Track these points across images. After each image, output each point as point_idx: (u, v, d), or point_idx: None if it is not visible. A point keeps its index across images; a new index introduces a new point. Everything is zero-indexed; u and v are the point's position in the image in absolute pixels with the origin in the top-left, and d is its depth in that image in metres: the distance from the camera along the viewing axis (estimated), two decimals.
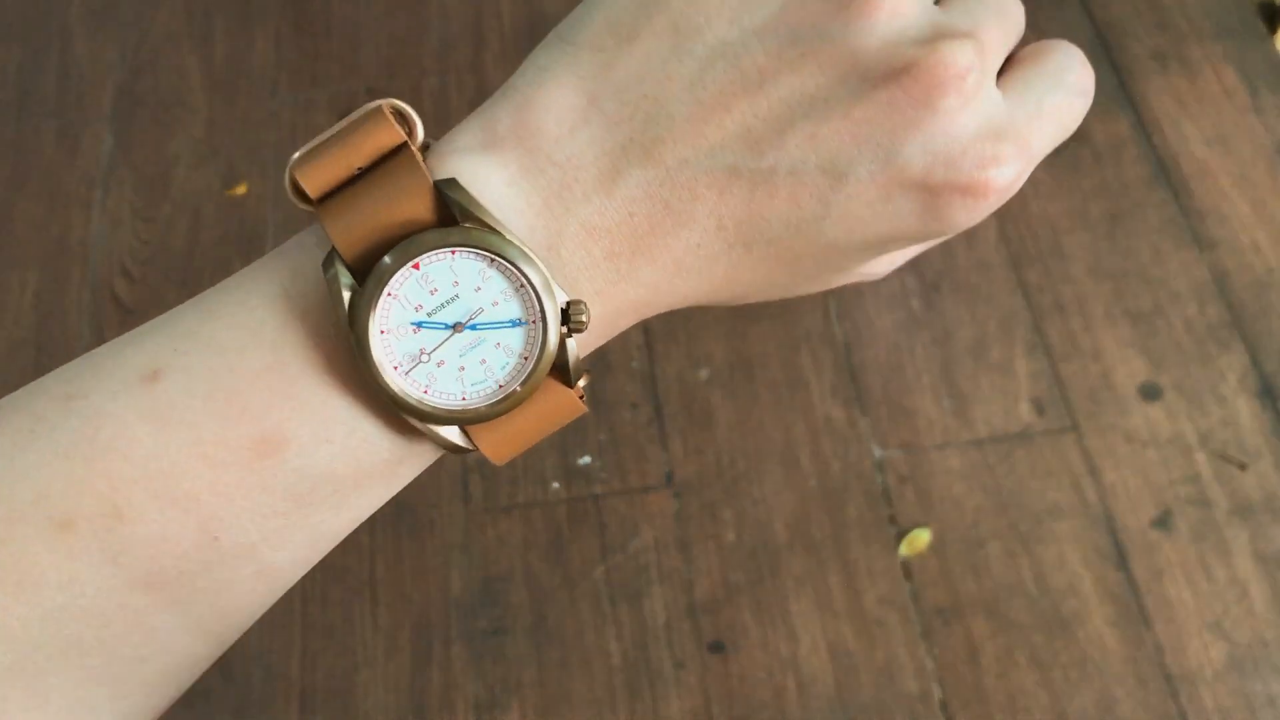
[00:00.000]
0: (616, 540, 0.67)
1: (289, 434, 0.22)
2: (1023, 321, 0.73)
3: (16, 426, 0.22)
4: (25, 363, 0.75)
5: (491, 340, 0.23)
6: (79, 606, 0.21)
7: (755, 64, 0.22)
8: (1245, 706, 0.60)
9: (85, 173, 0.84)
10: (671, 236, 0.23)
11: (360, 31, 0.90)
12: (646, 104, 0.22)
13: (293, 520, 0.23)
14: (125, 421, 0.22)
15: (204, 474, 0.22)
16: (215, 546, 0.22)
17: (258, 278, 0.23)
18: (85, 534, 0.21)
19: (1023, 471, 0.67)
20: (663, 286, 0.24)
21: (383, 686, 0.63)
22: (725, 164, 0.22)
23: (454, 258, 0.22)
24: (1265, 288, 0.73)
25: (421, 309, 0.22)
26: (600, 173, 0.22)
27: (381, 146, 0.22)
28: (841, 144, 0.22)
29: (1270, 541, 0.65)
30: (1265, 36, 0.85)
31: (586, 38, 0.23)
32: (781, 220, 0.23)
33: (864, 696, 0.61)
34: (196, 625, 0.23)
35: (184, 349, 0.22)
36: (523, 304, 0.22)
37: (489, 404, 0.23)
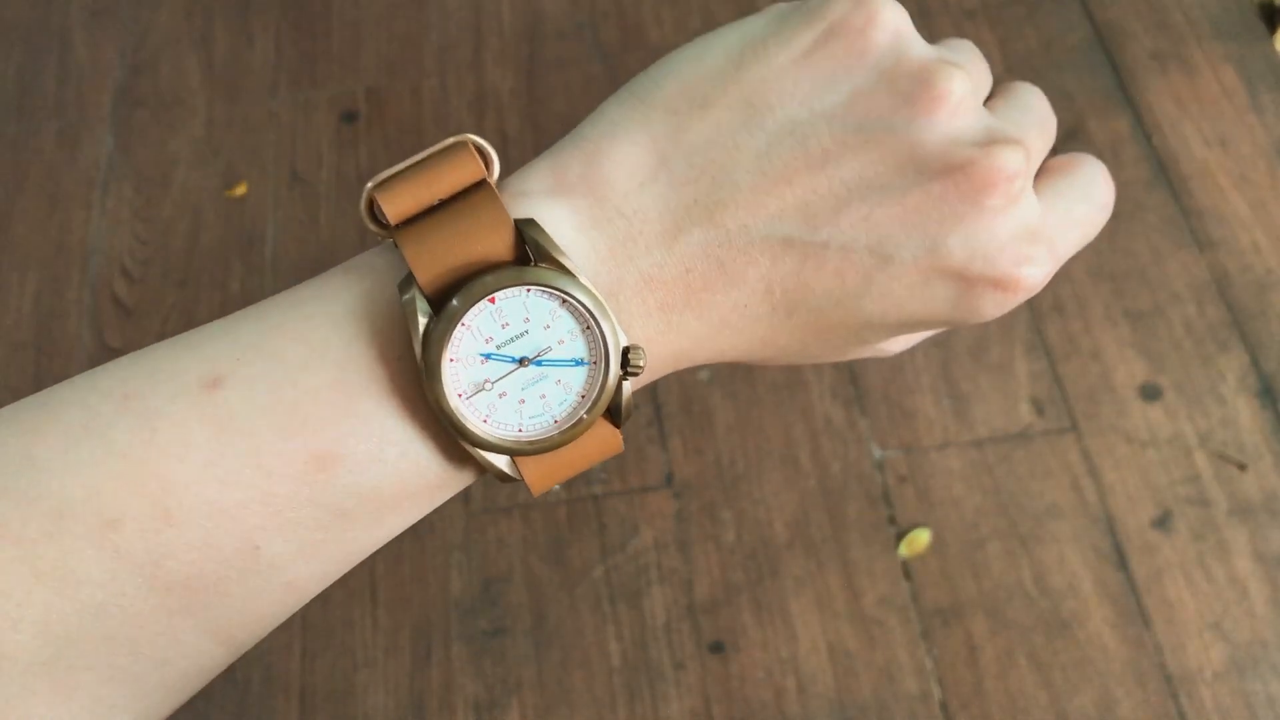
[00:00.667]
0: (616, 540, 0.67)
1: (345, 451, 0.22)
2: (1022, 322, 0.73)
3: (69, 421, 0.22)
4: (25, 363, 0.75)
5: (554, 377, 0.23)
6: (117, 606, 0.22)
7: (821, 145, 0.24)
8: (1245, 706, 0.60)
9: (85, 173, 0.84)
10: (721, 295, 0.24)
11: (360, 31, 0.90)
12: (713, 169, 0.24)
13: (331, 535, 0.23)
14: (184, 425, 0.22)
15: (258, 484, 0.22)
16: (254, 556, 0.22)
17: (323, 295, 0.24)
18: (132, 535, 0.21)
19: (1022, 472, 0.67)
20: (705, 340, 0.25)
21: (383, 686, 0.63)
22: (782, 234, 0.24)
23: (528, 295, 0.23)
24: (1265, 288, 0.73)
25: (491, 341, 0.23)
26: (664, 229, 0.24)
27: (464, 180, 0.23)
28: (892, 228, 0.24)
29: (1270, 542, 0.65)
30: (1265, 37, 0.85)
31: (661, 99, 0.25)
32: (826, 292, 0.24)
33: (864, 696, 0.61)
34: (220, 631, 0.23)
35: (246, 359, 0.23)
36: (588, 345, 0.23)
37: (543, 438, 0.23)
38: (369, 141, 0.84)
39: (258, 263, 0.79)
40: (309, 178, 0.83)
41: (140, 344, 0.76)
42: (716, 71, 0.24)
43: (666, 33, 0.88)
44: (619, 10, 0.90)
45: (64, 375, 0.74)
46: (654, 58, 0.27)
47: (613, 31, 0.89)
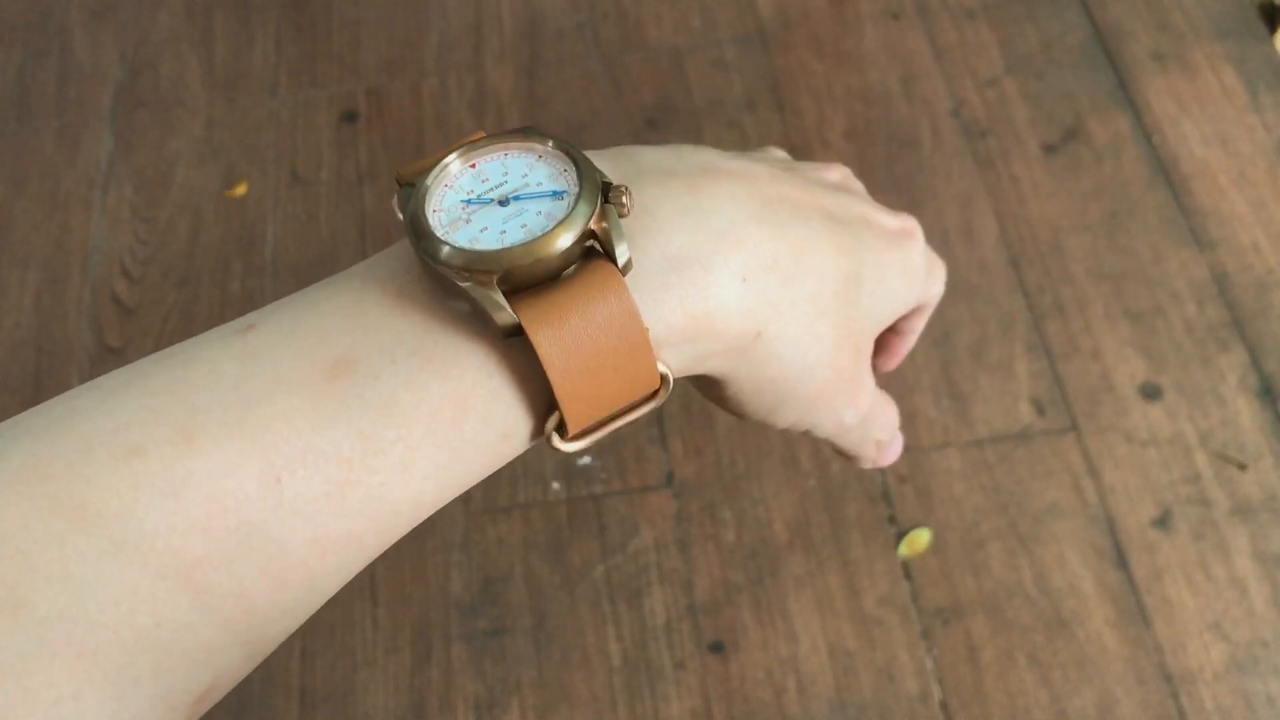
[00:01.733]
0: (616, 540, 0.67)
1: (358, 355, 0.23)
2: (1022, 321, 0.73)
3: (111, 384, 0.23)
4: (25, 363, 0.75)
5: (533, 209, 0.24)
6: (136, 546, 0.21)
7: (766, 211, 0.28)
8: (1245, 706, 0.60)
9: (85, 173, 0.84)
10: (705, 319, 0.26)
11: (360, 31, 0.90)
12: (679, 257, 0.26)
13: (355, 473, 0.23)
14: (214, 362, 0.23)
15: (277, 398, 0.22)
16: (277, 491, 0.22)
17: (355, 266, 0.26)
18: (153, 459, 0.21)
19: (1022, 472, 0.67)
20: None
21: (383, 686, 0.63)
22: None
23: (505, 157, 0.25)
24: (1265, 288, 0.73)
25: (472, 193, 0.25)
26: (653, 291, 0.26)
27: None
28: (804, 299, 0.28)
29: (1270, 541, 0.65)
30: (1265, 37, 0.85)
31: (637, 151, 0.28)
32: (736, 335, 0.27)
33: (864, 696, 0.61)
34: (241, 604, 0.22)
35: (277, 307, 0.24)
36: (567, 183, 0.25)
37: (521, 244, 0.23)
38: (369, 141, 0.84)
39: (258, 262, 0.79)
40: (309, 177, 0.83)
41: (141, 344, 0.76)
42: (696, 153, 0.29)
43: (666, 33, 0.88)
44: (619, 10, 0.90)
45: (64, 375, 0.74)
46: (654, 57, 0.29)
47: (613, 31, 0.89)
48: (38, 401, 0.74)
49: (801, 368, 0.28)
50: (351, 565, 0.24)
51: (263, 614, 0.23)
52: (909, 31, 0.87)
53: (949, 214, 0.77)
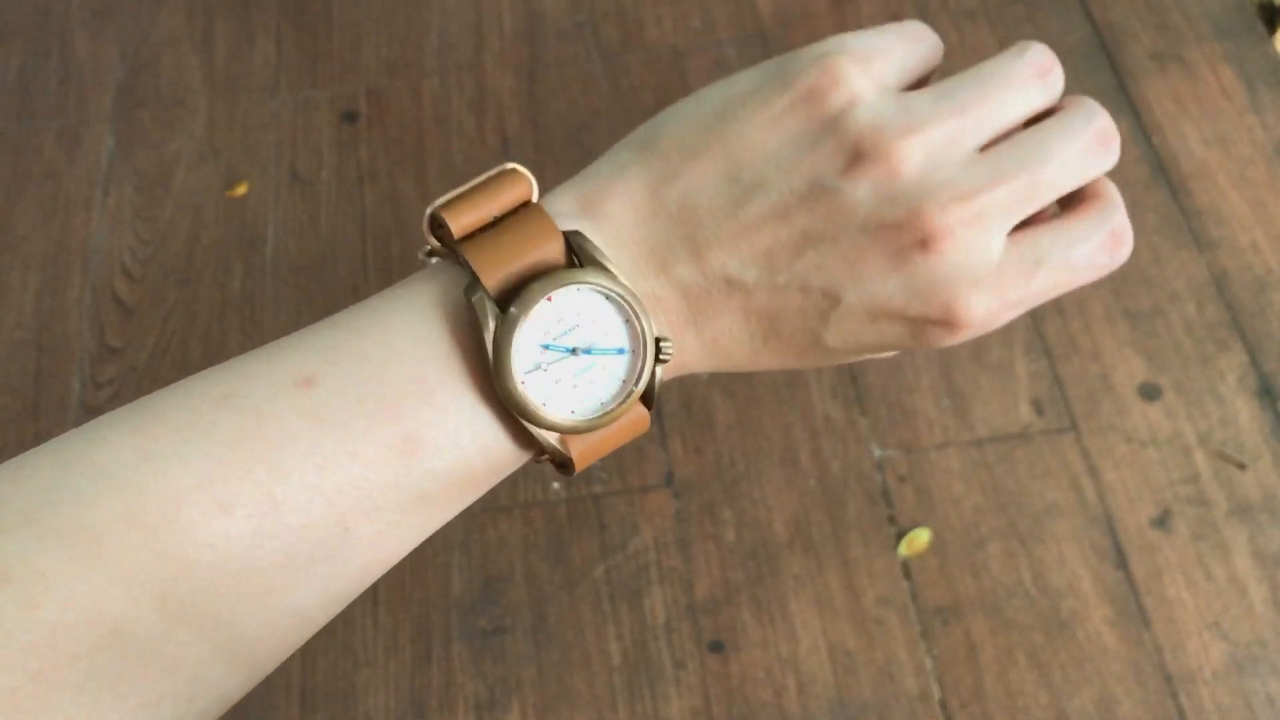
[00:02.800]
0: (616, 540, 0.67)
1: (425, 437, 0.25)
2: (1022, 322, 0.73)
3: (176, 421, 0.24)
4: (26, 362, 0.75)
5: (600, 364, 0.27)
6: (224, 585, 0.24)
7: (782, 200, 0.27)
8: (1244, 706, 0.60)
9: (86, 173, 0.84)
10: (711, 319, 0.28)
11: (361, 31, 0.90)
12: (700, 214, 0.28)
13: (408, 518, 0.26)
14: (284, 419, 0.25)
15: (352, 470, 0.25)
16: (344, 538, 0.25)
17: (398, 303, 0.27)
18: (242, 518, 0.24)
19: (1022, 471, 0.68)
20: (701, 355, 0.29)
21: (383, 686, 0.63)
22: (752, 275, 0.28)
23: (578, 293, 0.27)
24: (1264, 288, 0.73)
25: (548, 334, 0.27)
26: (661, 260, 0.28)
27: (517, 199, 0.27)
28: (838, 273, 0.27)
29: (1269, 541, 0.65)
30: (1265, 37, 0.85)
31: (660, 147, 0.29)
32: (792, 324, 0.28)
33: (864, 696, 0.62)
34: (306, 609, 0.26)
35: (334, 360, 0.26)
36: (629, 336, 0.27)
37: (591, 418, 0.27)
38: (370, 141, 0.84)
39: (259, 262, 0.79)
40: (310, 178, 0.83)
41: (141, 344, 0.76)
42: (705, 126, 0.28)
43: (666, 33, 0.88)
44: (619, 10, 0.90)
45: (64, 375, 0.75)
46: (654, 58, 0.30)
47: (613, 31, 0.89)
48: (39, 402, 0.74)
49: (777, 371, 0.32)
50: (393, 564, 0.27)
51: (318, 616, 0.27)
52: None
53: None
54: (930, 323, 0.28)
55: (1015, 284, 0.28)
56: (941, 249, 0.27)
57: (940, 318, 0.27)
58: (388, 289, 0.28)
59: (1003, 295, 0.28)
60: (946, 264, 0.27)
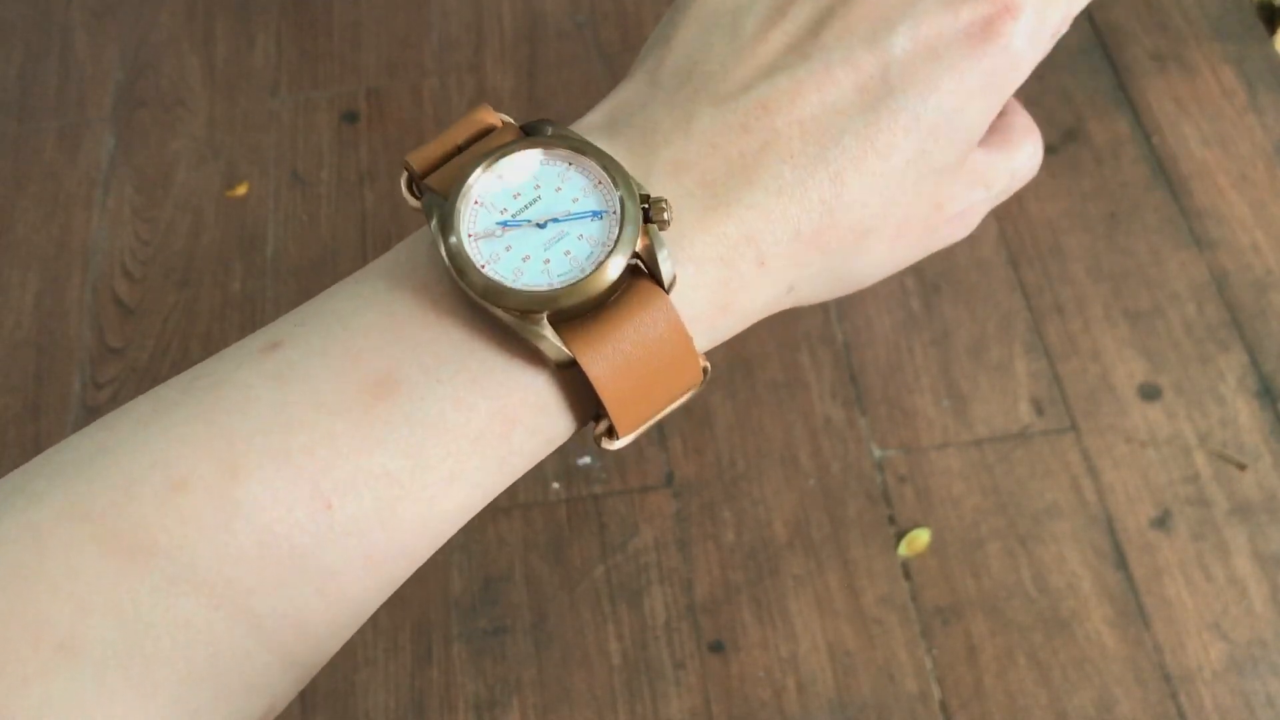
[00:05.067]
0: (616, 540, 0.67)
1: (400, 375, 0.22)
2: (1022, 321, 0.73)
3: (140, 412, 0.22)
4: (26, 362, 0.75)
5: (574, 232, 0.23)
6: (188, 582, 0.21)
7: (772, 5, 0.25)
8: (1244, 706, 0.60)
9: (86, 173, 0.84)
10: (760, 154, 0.24)
11: (361, 31, 0.90)
12: (699, 68, 0.25)
13: (404, 489, 0.22)
14: (246, 385, 0.22)
15: (319, 423, 0.22)
16: (328, 517, 0.22)
17: (372, 264, 0.25)
18: (199, 493, 0.21)
19: (1022, 471, 0.68)
20: (768, 208, 0.24)
21: (383, 686, 0.63)
22: (783, 78, 0.24)
23: (534, 164, 0.24)
24: (1264, 288, 0.73)
25: (505, 211, 0.23)
26: (674, 122, 0.24)
27: (477, 123, 0.24)
28: (871, 22, 0.24)
29: (1269, 541, 0.65)
30: (1265, 37, 0.85)
31: (639, 62, 0.26)
32: (854, 105, 0.24)
33: (863, 696, 0.62)
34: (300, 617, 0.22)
35: (302, 321, 0.23)
36: (605, 197, 0.23)
37: (573, 283, 0.22)
38: (369, 141, 0.84)
39: (259, 263, 0.79)
40: (310, 178, 0.83)
41: (141, 344, 0.76)
42: (669, 20, 0.27)
43: None
44: (619, 10, 0.90)
45: (64, 375, 0.75)
46: None
47: (613, 31, 0.89)
48: (39, 402, 0.74)
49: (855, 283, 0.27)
50: (401, 576, 0.23)
51: (316, 636, 0.23)
52: None
53: None
54: (986, 22, 0.24)
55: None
56: None
57: (992, 8, 0.25)
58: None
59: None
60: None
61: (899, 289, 0.74)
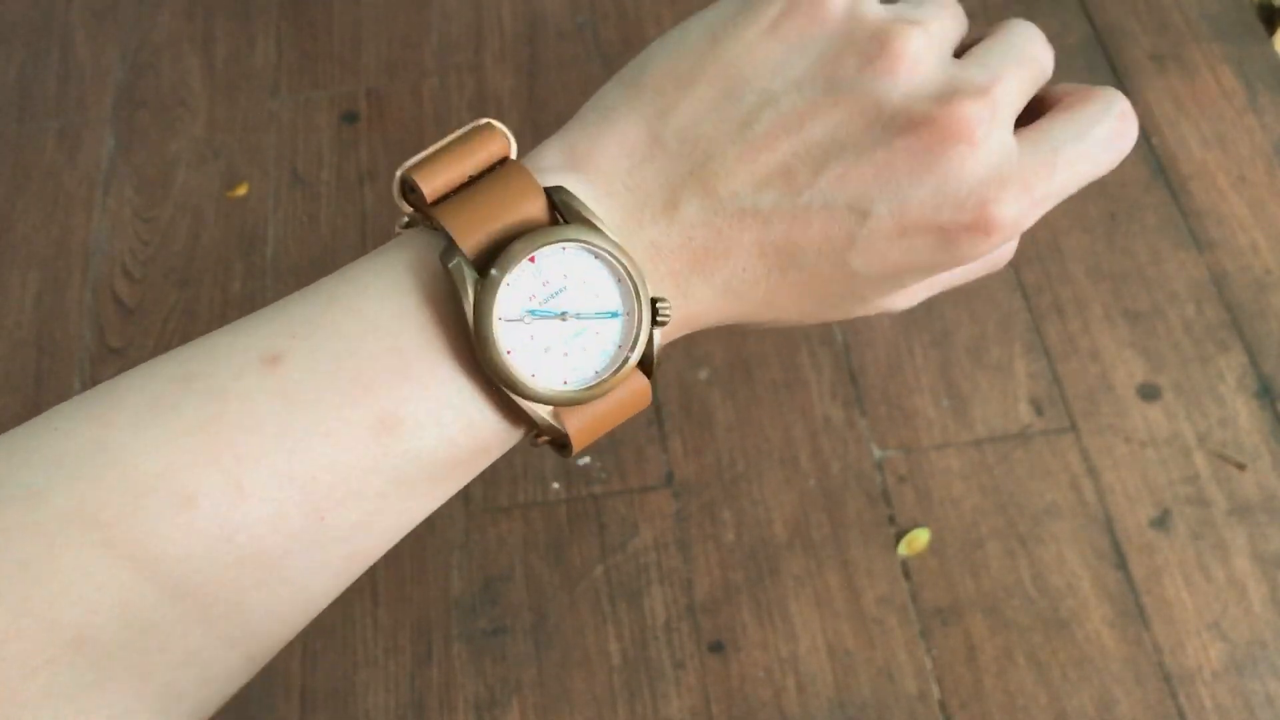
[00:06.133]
0: (616, 540, 0.67)
1: (404, 415, 0.23)
2: (1021, 322, 0.73)
3: (136, 406, 0.23)
4: (26, 362, 0.75)
5: (592, 329, 0.25)
6: (194, 584, 0.22)
7: (795, 110, 0.25)
8: (1244, 706, 0.60)
9: (86, 173, 0.84)
10: (721, 260, 0.26)
11: (361, 32, 0.90)
12: (703, 143, 0.25)
13: (390, 504, 0.24)
14: (250, 400, 0.23)
15: (325, 452, 0.23)
16: (321, 527, 0.23)
17: (371, 271, 0.25)
18: (207, 509, 0.22)
19: (1021, 472, 0.68)
20: (711, 304, 0.26)
21: (383, 686, 0.63)
22: (769, 198, 0.25)
23: (564, 252, 0.24)
24: (1263, 288, 0.73)
25: (534, 299, 0.24)
26: (664, 201, 0.25)
27: (492, 157, 0.25)
28: (865, 185, 0.25)
29: (1268, 541, 0.65)
30: (1264, 38, 0.85)
31: (649, 82, 0.26)
32: (815, 249, 0.26)
33: (863, 696, 0.62)
34: (282, 609, 0.24)
35: (304, 334, 0.24)
36: (621, 298, 0.25)
37: (586, 388, 0.25)
38: (369, 142, 0.84)
39: (259, 263, 0.79)
40: (310, 178, 0.83)
41: (142, 344, 0.76)
42: (696, 51, 0.26)
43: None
44: (619, 10, 0.90)
45: (65, 375, 0.75)
46: None
47: (613, 31, 0.89)
48: (39, 402, 0.74)
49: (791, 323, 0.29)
50: (360, 571, 0.25)
51: (279, 634, 0.24)
52: None
53: None
54: (963, 229, 0.26)
55: (1039, 177, 0.26)
56: (975, 142, 0.25)
57: (973, 220, 0.25)
58: (361, 258, 0.26)
59: (1030, 191, 0.26)
60: (979, 159, 0.25)
61: None
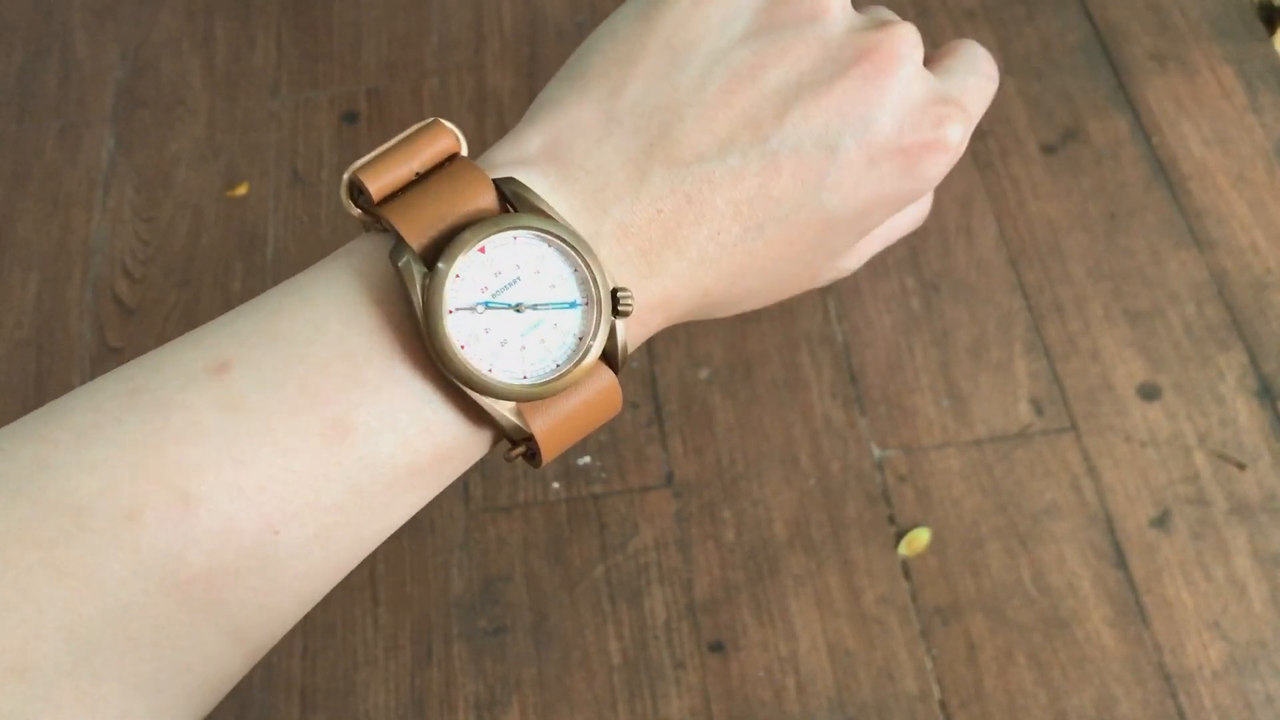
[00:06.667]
0: (616, 540, 0.67)
1: (357, 420, 0.23)
2: (1021, 321, 0.73)
3: (77, 422, 0.22)
4: (26, 362, 0.75)
5: (550, 321, 0.24)
6: (139, 606, 0.21)
7: (745, 62, 0.26)
8: (1244, 706, 0.60)
9: (86, 173, 0.84)
10: (694, 228, 0.25)
11: (361, 32, 0.90)
12: (660, 113, 0.25)
13: (347, 517, 0.23)
14: (195, 410, 0.22)
15: (274, 461, 0.22)
16: (274, 542, 0.22)
17: (317, 279, 0.24)
18: (153, 525, 0.21)
19: (1021, 471, 0.68)
20: (688, 277, 0.26)
21: (383, 685, 0.63)
22: (736, 155, 0.25)
23: (516, 242, 0.24)
24: (1264, 288, 0.73)
25: (486, 290, 0.24)
26: (627, 177, 0.25)
27: (440, 152, 0.24)
28: (829, 119, 0.26)
29: (1269, 541, 0.65)
30: (1264, 38, 0.85)
31: (593, 70, 0.26)
32: (788, 196, 0.26)
33: (863, 696, 0.62)
34: (239, 630, 0.23)
35: (250, 344, 0.23)
36: (579, 286, 0.24)
37: (545, 382, 0.24)
38: (370, 142, 0.84)
39: (259, 263, 0.79)
40: (310, 178, 0.83)
41: (142, 344, 0.76)
42: (633, 33, 0.26)
43: None
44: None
45: (65, 375, 0.75)
46: None
47: None
48: (39, 402, 0.74)
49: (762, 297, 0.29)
50: (328, 589, 0.25)
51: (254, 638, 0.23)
52: None
53: (948, 214, 0.77)
54: (924, 148, 0.26)
55: (966, 99, 0.28)
56: (917, 63, 0.27)
57: (932, 139, 0.27)
58: (309, 268, 0.25)
59: (966, 110, 0.28)
60: (925, 81, 0.27)
61: (899, 289, 0.74)
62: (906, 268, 0.75)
